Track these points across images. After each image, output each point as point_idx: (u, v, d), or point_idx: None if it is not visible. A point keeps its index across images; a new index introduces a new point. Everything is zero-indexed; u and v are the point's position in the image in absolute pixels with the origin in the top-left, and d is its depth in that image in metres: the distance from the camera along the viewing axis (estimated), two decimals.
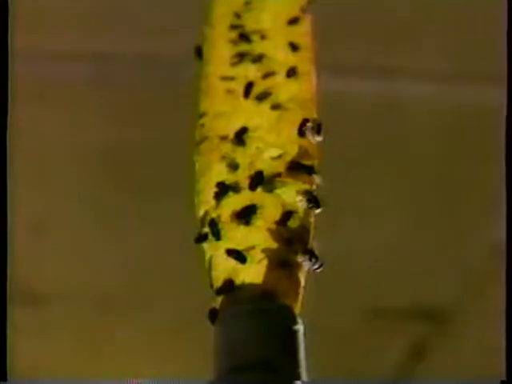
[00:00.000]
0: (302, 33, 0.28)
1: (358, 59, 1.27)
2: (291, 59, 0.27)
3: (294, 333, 0.20)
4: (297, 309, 0.21)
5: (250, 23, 0.29)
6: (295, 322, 0.20)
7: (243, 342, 0.20)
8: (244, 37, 0.28)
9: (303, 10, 0.30)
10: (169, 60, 1.31)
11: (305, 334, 0.20)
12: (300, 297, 0.21)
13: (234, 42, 0.29)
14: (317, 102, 0.27)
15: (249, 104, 0.25)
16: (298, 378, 0.19)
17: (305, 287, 0.21)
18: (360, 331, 2.49)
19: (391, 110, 1.52)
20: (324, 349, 2.16)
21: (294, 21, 0.29)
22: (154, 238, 1.94)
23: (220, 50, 0.29)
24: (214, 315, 0.21)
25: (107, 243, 2.05)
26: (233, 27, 0.29)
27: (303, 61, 0.27)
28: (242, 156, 0.24)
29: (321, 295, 1.88)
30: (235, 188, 0.23)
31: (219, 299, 0.21)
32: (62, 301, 2.41)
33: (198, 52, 0.29)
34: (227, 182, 0.23)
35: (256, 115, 0.25)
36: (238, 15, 0.30)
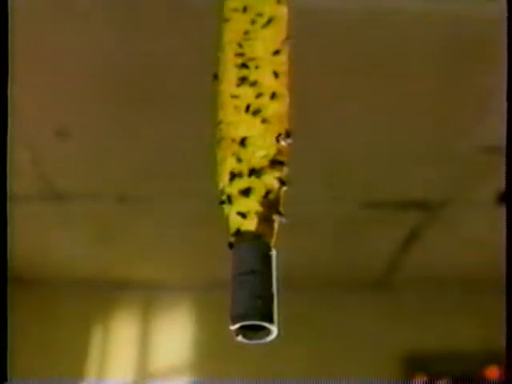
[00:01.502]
0: (282, 62, 0.44)
1: None
2: (274, 84, 0.43)
3: (270, 256, 0.38)
4: (272, 243, 0.39)
5: (248, 52, 0.45)
6: (270, 250, 0.39)
7: (244, 260, 0.38)
8: (244, 65, 0.44)
9: (283, 43, 0.45)
10: None
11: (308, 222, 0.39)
12: (274, 237, 0.39)
13: (238, 67, 0.45)
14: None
15: (248, 117, 0.42)
16: (271, 279, 0.38)
17: (277, 233, 0.40)
18: (359, 220, 2.75)
19: (387, 21, 1.63)
20: (328, 236, 2.43)
21: (277, 52, 0.45)
22: (166, 142, 2.14)
23: (229, 73, 0.45)
24: (231, 246, 0.40)
25: (124, 146, 2.26)
26: (237, 55, 0.45)
27: (282, 85, 0.43)
28: (243, 154, 0.41)
29: (323, 191, 2.11)
30: (240, 175, 0.40)
31: (233, 238, 0.39)
32: (83, 197, 2.67)
33: (215, 76, 0.45)
34: (235, 171, 0.41)
35: (252, 127, 0.42)
36: (240, 45, 0.46)
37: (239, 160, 0.40)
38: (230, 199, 0.39)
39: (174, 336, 3.42)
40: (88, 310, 3.41)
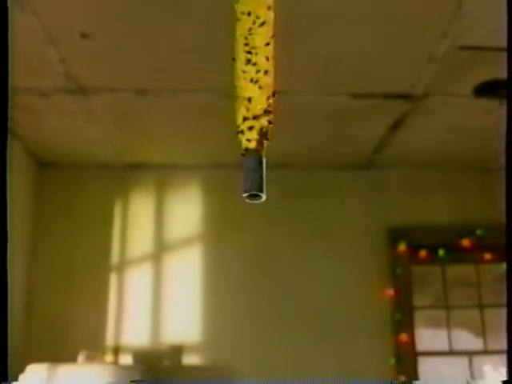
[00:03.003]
0: (271, 50, 0.77)
1: None
2: (266, 64, 0.76)
3: (262, 161, 0.74)
4: (263, 155, 0.74)
5: (251, 43, 0.78)
6: (262, 158, 0.74)
7: (249, 163, 0.74)
8: (249, 52, 0.77)
9: (271, 38, 0.78)
10: None
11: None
12: (265, 151, 0.75)
13: (245, 53, 0.78)
14: None
15: (251, 85, 0.76)
16: (263, 173, 0.73)
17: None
18: (349, 110, 3.16)
19: None
20: (322, 123, 2.84)
21: (267, 44, 0.78)
22: (180, 43, 2.45)
23: (240, 56, 0.78)
24: (243, 155, 0.75)
25: (142, 46, 2.59)
26: (245, 44, 0.78)
27: (271, 65, 0.76)
28: (249, 107, 0.75)
29: (318, 85, 2.53)
30: (247, 118, 0.75)
31: (244, 152, 0.75)
32: (104, 91, 3.06)
33: (233, 59, 0.78)
34: (245, 116, 0.75)
35: (254, 91, 0.75)
36: (246, 38, 0.78)
37: (247, 110, 0.74)
38: (242, 132, 0.74)
39: (186, 210, 3.79)
40: (109, 190, 3.78)
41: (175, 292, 3.63)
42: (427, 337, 3.79)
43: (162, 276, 3.66)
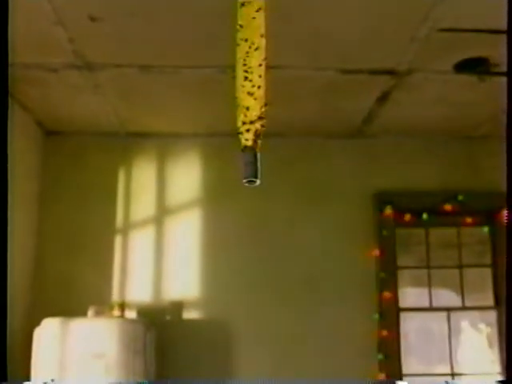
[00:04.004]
0: (263, 70, 1.00)
1: None
2: (259, 81, 1.00)
3: (257, 157, 0.98)
4: (258, 151, 0.98)
5: (248, 63, 1.01)
6: (257, 154, 0.98)
7: (247, 157, 0.98)
8: (246, 71, 1.01)
9: (263, 60, 1.01)
10: None
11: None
12: (259, 149, 0.99)
13: (244, 71, 1.01)
14: None
15: (249, 97, 0.99)
16: (257, 164, 0.97)
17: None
18: (339, 84, 3.40)
19: None
20: (313, 96, 3.11)
21: (260, 65, 1.01)
22: (182, 23, 2.63)
23: (240, 74, 1.01)
24: (243, 151, 0.99)
25: (146, 26, 2.77)
26: (243, 65, 1.01)
27: (263, 81, 1.00)
28: (247, 113, 0.98)
29: (310, 61, 2.81)
30: (245, 123, 0.98)
31: (243, 149, 0.99)
32: (110, 67, 3.29)
33: (233, 77, 1.01)
34: (243, 121, 0.99)
35: (250, 101, 0.99)
36: (244, 59, 1.01)
37: (245, 116, 0.97)
38: (241, 133, 0.97)
39: (186, 176, 4.02)
40: (112, 157, 4.00)
41: (176, 252, 3.89)
42: (409, 294, 4.08)
43: (164, 238, 3.92)
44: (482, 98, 3.48)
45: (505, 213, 3.96)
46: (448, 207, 4.00)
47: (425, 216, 3.97)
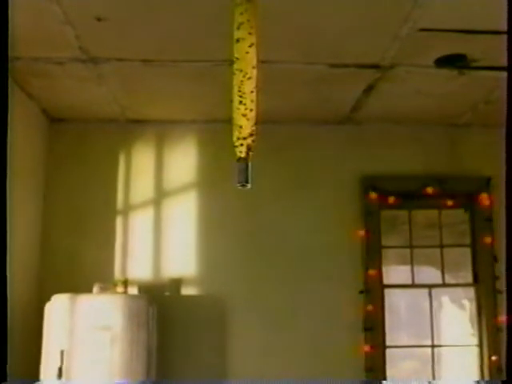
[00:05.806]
0: (254, 96, 1.24)
1: None
2: (251, 105, 1.23)
3: (248, 166, 1.22)
4: (249, 162, 1.22)
5: (242, 90, 1.24)
6: (248, 164, 1.22)
7: (241, 167, 1.22)
8: (241, 96, 1.24)
9: (255, 88, 1.25)
10: None
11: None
12: (250, 160, 1.23)
13: (238, 96, 1.24)
14: None
15: (242, 118, 1.23)
16: (249, 171, 1.21)
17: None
18: (327, 77, 3.67)
19: None
20: (304, 87, 3.41)
21: (252, 91, 1.24)
22: (181, 20, 2.84)
23: (236, 99, 1.24)
24: (238, 161, 1.23)
25: (148, 24, 2.99)
26: (238, 91, 1.25)
27: (254, 105, 1.23)
28: (241, 131, 1.22)
29: (300, 55, 3.09)
30: (239, 139, 1.22)
31: (238, 160, 1.23)
32: (114, 61, 3.54)
33: (231, 101, 1.24)
34: (238, 137, 1.22)
35: (244, 121, 1.22)
36: (239, 86, 1.25)
37: (239, 133, 1.20)
38: (236, 147, 1.21)
39: (183, 161, 4.24)
40: (114, 142, 4.22)
41: (174, 232, 4.13)
42: (393, 272, 4.34)
43: (162, 219, 4.15)
44: (462, 89, 3.70)
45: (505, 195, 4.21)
46: (430, 190, 4.22)
47: (408, 199, 4.20)
